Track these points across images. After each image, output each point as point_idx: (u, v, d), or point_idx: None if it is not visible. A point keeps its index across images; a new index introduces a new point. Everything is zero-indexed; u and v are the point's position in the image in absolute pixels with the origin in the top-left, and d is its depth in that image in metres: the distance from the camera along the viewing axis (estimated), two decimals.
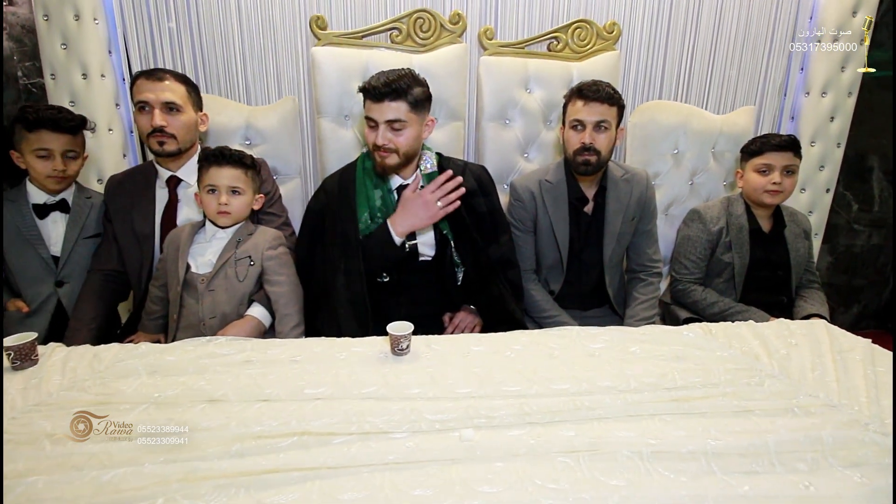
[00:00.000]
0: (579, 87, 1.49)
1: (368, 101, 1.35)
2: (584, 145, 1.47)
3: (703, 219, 1.71)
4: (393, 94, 1.31)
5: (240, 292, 1.34)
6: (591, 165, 1.49)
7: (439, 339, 1.07)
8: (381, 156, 1.37)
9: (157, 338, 1.42)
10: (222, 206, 1.32)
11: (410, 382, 0.86)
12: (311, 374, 0.89)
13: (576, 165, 1.51)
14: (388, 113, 1.32)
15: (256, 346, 1.02)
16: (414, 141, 1.38)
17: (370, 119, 1.36)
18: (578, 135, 1.49)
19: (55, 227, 1.46)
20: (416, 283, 1.49)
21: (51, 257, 1.45)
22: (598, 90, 1.45)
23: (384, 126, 1.34)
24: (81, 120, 1.45)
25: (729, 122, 1.94)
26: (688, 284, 1.74)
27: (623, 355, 0.97)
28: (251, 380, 0.87)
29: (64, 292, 1.44)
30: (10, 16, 1.99)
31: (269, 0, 1.80)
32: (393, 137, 1.34)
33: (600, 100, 1.45)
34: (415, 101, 1.34)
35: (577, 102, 1.48)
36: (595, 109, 1.46)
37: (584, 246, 1.61)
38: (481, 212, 1.49)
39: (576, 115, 1.49)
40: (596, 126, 1.47)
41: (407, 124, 1.34)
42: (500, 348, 0.99)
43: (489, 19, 1.94)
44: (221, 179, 1.32)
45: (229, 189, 1.33)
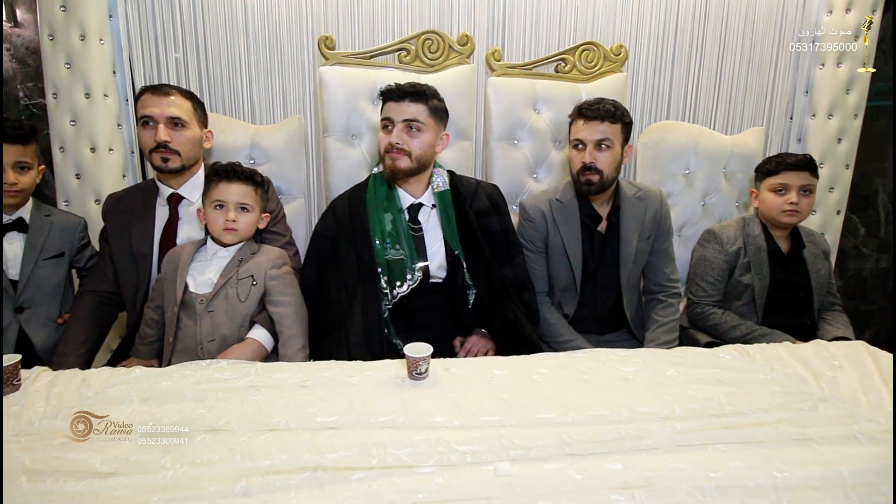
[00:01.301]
0: (580, 106, 1.46)
1: (388, 102, 1.33)
2: (584, 165, 1.43)
3: (720, 239, 1.66)
4: (414, 95, 1.29)
5: (241, 313, 1.26)
6: (593, 185, 1.45)
7: (458, 362, 0.99)
8: (393, 157, 1.32)
9: (151, 363, 1.33)
10: (229, 223, 1.26)
11: (433, 409, 0.78)
12: (322, 401, 0.80)
13: (578, 185, 1.47)
14: (406, 112, 1.30)
15: (261, 370, 0.93)
16: (428, 148, 1.34)
17: (386, 119, 1.33)
18: (580, 154, 1.45)
19: (11, 248, 1.36)
20: (425, 305, 1.42)
21: (9, 282, 1.34)
22: (597, 108, 1.42)
23: (401, 125, 1.30)
24: (31, 128, 1.37)
25: (739, 142, 1.93)
26: (706, 307, 1.68)
27: (659, 378, 0.90)
28: (256, 407, 0.78)
29: (25, 319, 1.34)
30: (15, 37, 1.98)
31: (277, 20, 1.80)
32: (408, 138, 1.31)
33: (600, 118, 1.42)
34: (434, 109, 1.32)
35: (579, 121, 1.46)
36: (595, 128, 1.42)
37: (598, 266, 1.55)
38: (494, 231, 1.44)
39: (577, 134, 1.46)
40: (597, 145, 1.43)
41: (424, 127, 1.31)
42: (525, 372, 0.92)
43: (496, 41, 1.95)
44: (231, 195, 1.27)
45: (238, 205, 1.27)
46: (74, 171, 1.80)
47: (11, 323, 1.33)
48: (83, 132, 1.79)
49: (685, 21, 2.02)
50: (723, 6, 2.03)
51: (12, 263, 1.35)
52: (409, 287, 1.35)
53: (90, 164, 1.81)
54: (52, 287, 1.41)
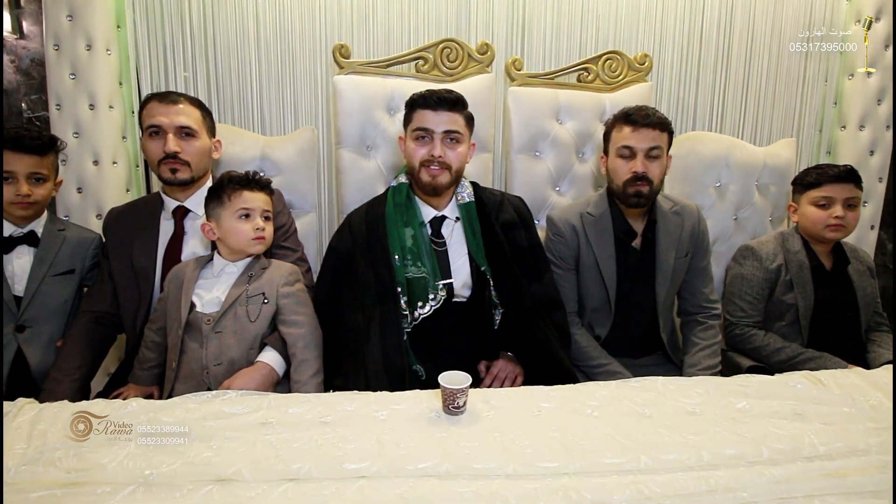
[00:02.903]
0: (627, 112, 1.37)
1: (421, 110, 1.24)
2: (636, 174, 1.34)
3: (758, 255, 1.55)
4: (452, 104, 1.22)
5: (251, 334, 1.15)
6: (643, 196, 1.35)
7: (498, 393, 0.88)
8: (433, 173, 1.23)
9: (151, 390, 1.22)
10: (259, 232, 1.18)
11: (478, 453, 0.67)
12: (348, 442, 0.69)
13: (625, 197, 1.37)
14: (446, 122, 1.22)
15: (274, 403, 0.82)
16: (464, 160, 1.27)
17: (422, 130, 1.24)
18: (628, 163, 1.36)
19: (20, 262, 1.27)
20: (448, 327, 1.30)
21: (12, 298, 1.25)
22: (647, 115, 1.34)
23: (441, 136, 1.22)
24: (50, 139, 1.29)
25: (772, 154, 1.84)
26: (746, 328, 1.56)
27: (730, 413, 0.78)
28: (272, 449, 0.67)
29: (25, 339, 1.24)
30: (20, 49, 1.94)
31: (290, 29, 1.74)
32: (448, 151, 1.22)
33: (651, 125, 1.33)
34: (469, 118, 1.24)
35: (625, 128, 1.36)
36: (646, 135, 1.34)
37: (633, 285, 1.45)
38: (522, 246, 1.34)
39: (625, 141, 1.36)
40: (647, 154, 1.35)
41: (462, 138, 1.24)
42: (576, 405, 0.80)
43: (516, 50, 1.89)
44: (256, 203, 1.19)
45: (263, 213, 1.21)
46: (76, 185, 1.72)
47: (10, 342, 1.23)
48: (86, 145, 1.72)
49: (710, 30, 1.96)
50: (748, 14, 1.97)
51: (19, 279, 1.26)
52: (432, 308, 1.24)
53: (92, 178, 1.73)
54: (57, 305, 1.31)
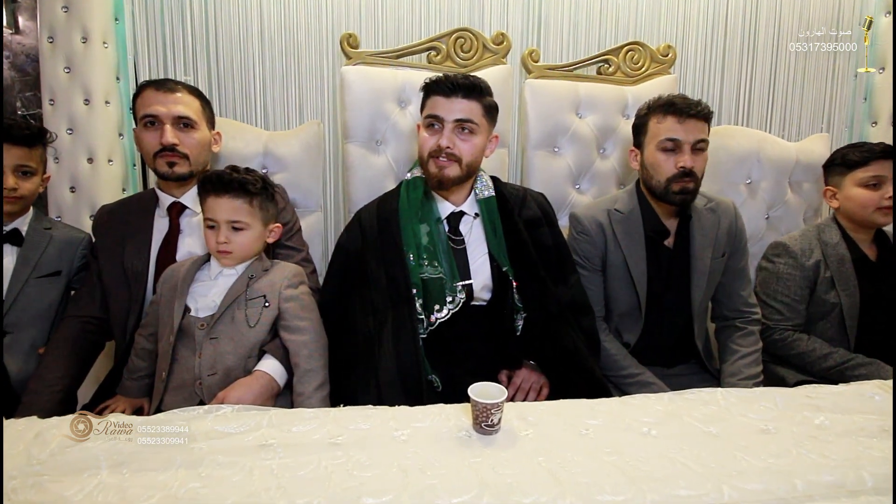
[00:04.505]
0: (670, 101, 1.25)
1: (434, 96, 1.15)
2: (683, 169, 1.23)
3: (791, 252, 1.41)
4: (468, 90, 1.12)
5: (249, 341, 1.04)
6: (689, 193, 1.24)
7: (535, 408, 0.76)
8: (440, 164, 1.13)
9: (141, 403, 1.11)
10: (221, 245, 1.05)
11: (523, 483, 0.55)
12: (364, 469, 0.57)
13: (669, 195, 1.26)
14: (459, 111, 1.12)
15: (276, 421, 0.70)
16: (479, 153, 1.16)
17: (433, 117, 1.14)
18: (673, 157, 1.25)
19: (3, 262, 1.18)
20: (465, 333, 1.19)
21: None
22: (693, 104, 1.23)
23: (452, 126, 1.12)
24: (39, 130, 1.21)
25: (804, 149, 1.73)
26: (786, 332, 1.42)
27: (809, 430, 0.67)
28: (272, 478, 0.55)
29: (5, 345, 1.14)
30: (15, 44, 1.87)
31: (295, 18, 1.66)
32: (459, 142, 1.12)
33: (698, 116, 1.23)
34: (488, 107, 1.14)
35: (668, 119, 1.25)
36: (693, 127, 1.23)
37: (665, 288, 1.33)
38: (547, 245, 1.23)
39: (669, 133, 1.25)
40: (694, 147, 1.24)
41: (478, 129, 1.13)
42: (628, 422, 0.69)
43: (531, 41, 1.80)
44: (220, 213, 1.05)
45: (229, 224, 1.06)
46: (69, 183, 1.63)
47: None
48: (80, 141, 1.63)
49: (735, 20, 1.87)
50: (775, 5, 1.88)
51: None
52: (450, 312, 1.13)
53: (86, 177, 1.64)
54: (41, 310, 1.21)
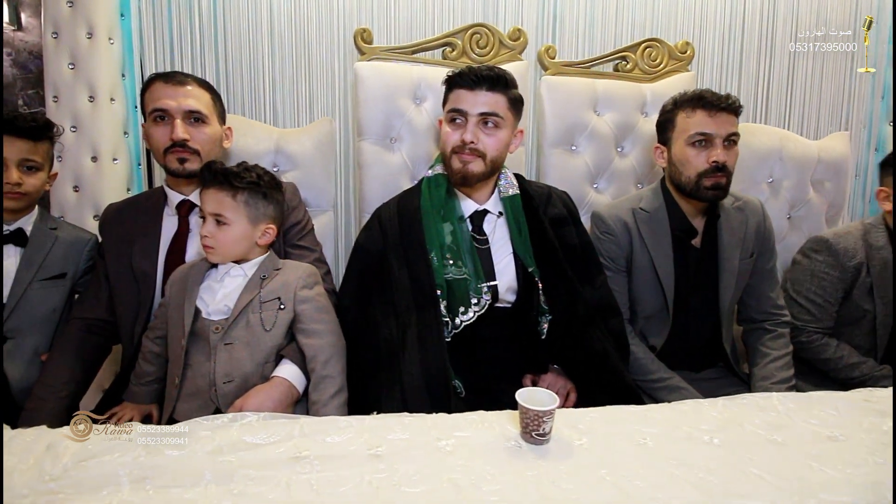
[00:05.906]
0: (700, 95, 1.22)
1: (458, 90, 1.10)
2: (716, 165, 1.19)
3: (834, 251, 1.34)
4: (492, 82, 1.07)
5: (266, 346, 0.99)
6: (721, 189, 1.21)
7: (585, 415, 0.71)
8: (464, 159, 1.09)
9: (149, 409, 1.06)
10: (204, 238, 1.01)
11: (589, 499, 0.50)
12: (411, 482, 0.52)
13: (700, 191, 1.22)
14: (483, 104, 1.07)
15: (308, 430, 0.64)
16: (504, 148, 1.12)
17: (456, 111, 1.10)
18: (705, 152, 1.21)
19: (5, 264, 1.13)
20: (489, 336, 1.14)
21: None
22: (721, 99, 1.19)
23: (475, 119, 1.07)
24: (45, 123, 1.16)
25: (826, 148, 1.69)
26: (814, 335, 1.36)
27: (880, 436, 0.62)
28: (313, 495, 0.50)
29: (6, 351, 1.09)
30: (18, 41, 1.83)
31: (306, 13, 1.62)
32: (483, 137, 1.07)
33: (728, 109, 1.19)
34: (513, 99, 1.10)
35: (698, 113, 1.21)
36: (725, 121, 1.20)
37: (693, 289, 1.29)
38: (573, 244, 1.19)
39: (700, 127, 1.21)
40: (725, 141, 1.20)
41: (503, 123, 1.08)
42: (687, 430, 0.64)
43: (547, 38, 1.76)
44: (205, 204, 1.01)
45: (214, 217, 1.01)
46: (72, 182, 1.58)
47: None
48: (84, 139, 1.58)
49: (752, 17, 1.84)
50: (792, 2, 1.85)
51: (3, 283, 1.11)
52: (476, 314, 1.08)
53: (90, 175, 1.59)
54: (45, 314, 1.16)
